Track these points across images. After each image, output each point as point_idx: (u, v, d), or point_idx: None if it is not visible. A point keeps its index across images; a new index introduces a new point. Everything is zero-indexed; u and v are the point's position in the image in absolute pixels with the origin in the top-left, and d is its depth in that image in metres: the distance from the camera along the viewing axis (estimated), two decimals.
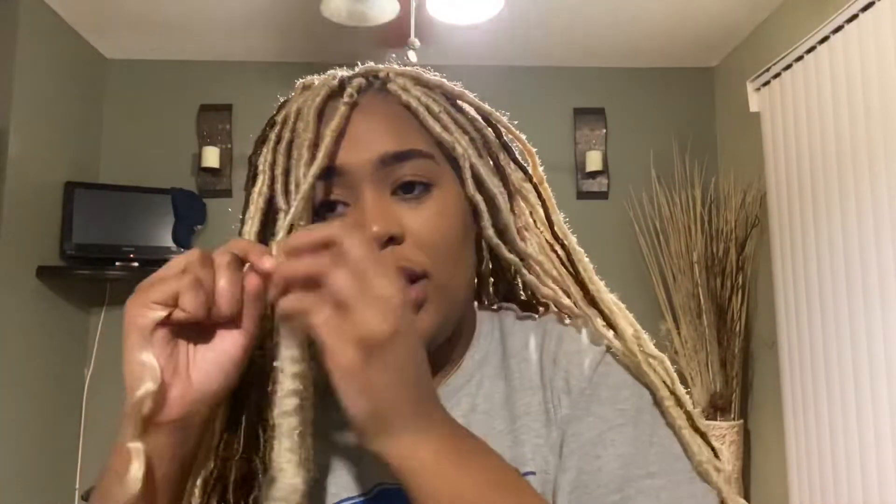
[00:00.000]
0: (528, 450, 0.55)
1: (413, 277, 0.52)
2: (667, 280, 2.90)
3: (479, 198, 0.58)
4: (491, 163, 0.60)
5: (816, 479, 2.23)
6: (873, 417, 1.96)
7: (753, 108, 2.66)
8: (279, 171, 0.55)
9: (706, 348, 2.73)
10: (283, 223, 0.52)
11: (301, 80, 0.62)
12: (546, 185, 0.64)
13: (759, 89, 2.64)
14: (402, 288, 0.42)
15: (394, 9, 2.19)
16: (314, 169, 0.52)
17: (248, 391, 0.52)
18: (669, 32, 2.85)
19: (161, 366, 0.44)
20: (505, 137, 0.62)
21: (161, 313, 0.44)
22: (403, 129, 0.56)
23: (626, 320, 0.59)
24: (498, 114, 0.62)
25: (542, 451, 0.54)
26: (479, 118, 0.61)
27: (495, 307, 0.67)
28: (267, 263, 0.45)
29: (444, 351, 0.59)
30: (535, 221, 0.63)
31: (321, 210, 0.54)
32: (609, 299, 0.59)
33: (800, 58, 2.34)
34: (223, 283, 0.45)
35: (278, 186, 0.55)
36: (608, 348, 0.57)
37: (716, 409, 2.68)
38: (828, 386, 2.17)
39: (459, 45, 2.84)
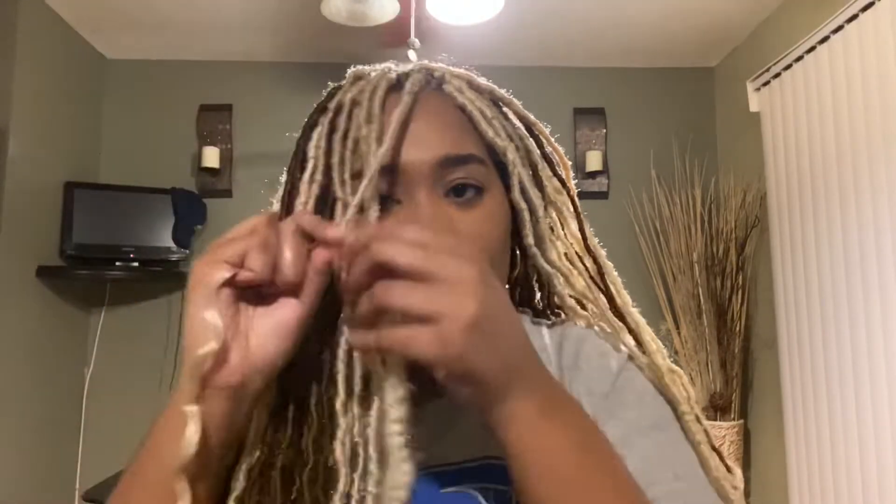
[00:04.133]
0: None
1: None
2: (667, 280, 2.90)
3: (523, 205, 0.59)
4: (530, 172, 0.61)
5: (816, 479, 2.23)
6: (873, 417, 1.96)
7: (753, 108, 2.67)
8: (335, 159, 0.54)
9: (706, 348, 2.73)
10: (341, 212, 0.52)
11: (353, 70, 0.61)
12: (576, 198, 0.65)
13: (759, 89, 2.64)
14: (473, 257, 0.41)
15: (394, 9, 2.19)
16: (379, 161, 0.51)
17: (296, 378, 0.51)
18: (669, 32, 2.85)
19: (224, 328, 0.44)
20: (546, 148, 0.63)
21: (228, 273, 0.44)
22: (461, 132, 0.56)
23: (650, 335, 0.59)
24: (540, 125, 0.63)
25: None
26: (522, 127, 0.62)
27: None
28: (335, 233, 0.46)
29: None
30: (565, 234, 0.63)
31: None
32: (636, 314, 0.60)
33: (800, 58, 2.34)
34: (288, 247, 0.45)
35: (335, 175, 0.54)
36: (630, 357, 0.58)
37: (716, 409, 2.68)
38: (828, 386, 2.17)
39: (459, 45, 2.84)
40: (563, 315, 0.65)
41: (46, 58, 2.62)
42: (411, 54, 2.26)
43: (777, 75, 2.49)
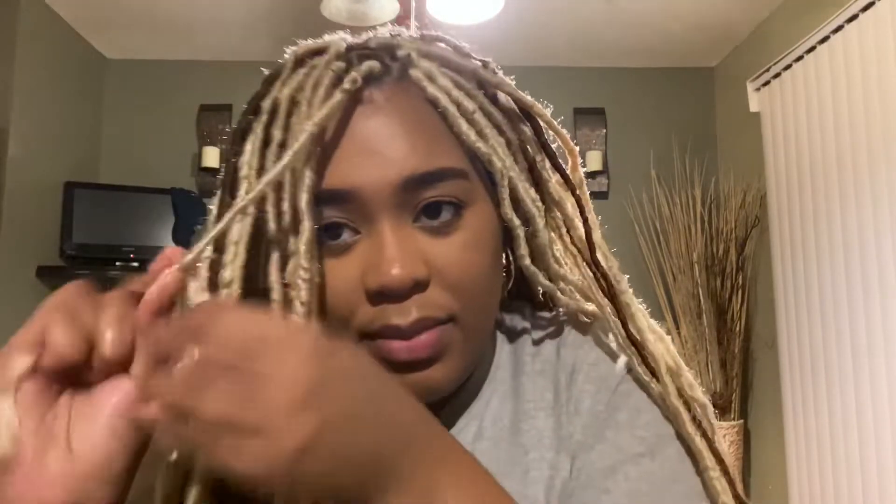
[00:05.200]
0: (540, 489, 0.47)
1: (437, 325, 0.44)
2: (667, 280, 2.90)
3: (516, 221, 0.48)
4: (527, 167, 0.50)
5: (816, 479, 2.23)
6: (873, 417, 1.96)
7: (753, 108, 2.67)
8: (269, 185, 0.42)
9: (706, 348, 2.73)
10: (275, 259, 0.41)
11: (293, 50, 0.47)
12: (585, 188, 0.53)
13: (759, 89, 2.64)
14: (302, 340, 0.32)
15: (394, 9, 2.19)
16: (309, 191, 0.41)
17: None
18: (669, 32, 2.85)
19: (31, 430, 0.33)
20: (545, 135, 0.51)
21: (26, 358, 0.34)
22: (431, 139, 0.44)
23: (669, 354, 0.49)
24: (540, 106, 0.50)
25: (554, 484, 0.47)
26: (517, 111, 0.50)
27: (506, 308, 0.57)
28: (159, 263, 0.36)
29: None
30: (571, 238, 0.52)
31: (322, 234, 0.43)
32: (655, 341, 0.49)
33: (800, 58, 2.34)
34: (106, 316, 0.35)
35: (270, 207, 0.41)
36: (629, 369, 0.49)
37: (716, 409, 2.68)
38: (828, 386, 2.17)
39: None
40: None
41: (46, 58, 2.62)
42: None
43: (777, 75, 2.49)
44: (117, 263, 2.78)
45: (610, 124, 3.16)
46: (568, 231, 0.52)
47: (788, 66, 2.41)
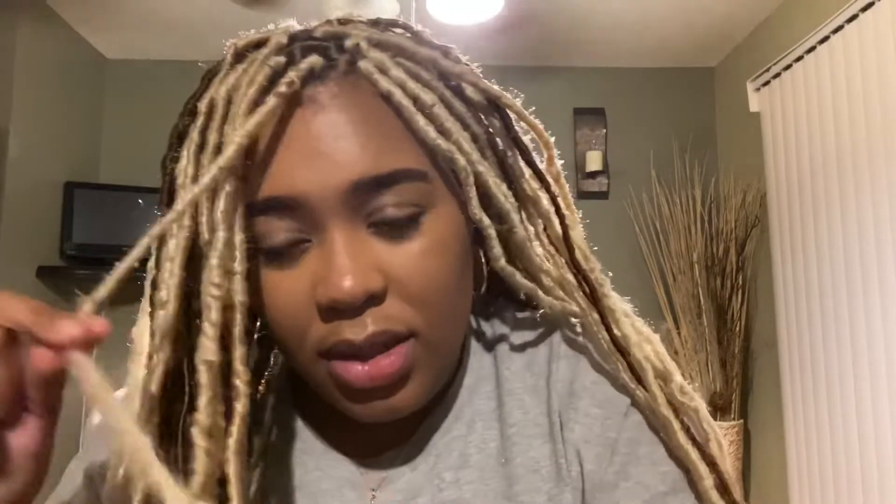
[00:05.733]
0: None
1: (396, 339, 0.40)
2: (667, 280, 2.90)
3: (486, 221, 0.44)
4: (497, 162, 0.46)
5: (816, 479, 2.22)
6: (873, 417, 1.96)
7: (753, 108, 2.67)
8: (204, 193, 0.38)
9: (706, 348, 2.73)
10: (209, 273, 0.37)
11: (233, 42, 0.43)
12: (563, 182, 0.50)
13: (759, 89, 2.64)
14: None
15: (394, 9, 2.19)
16: (223, 204, 0.37)
17: None
18: (669, 32, 2.85)
19: None
20: (517, 128, 0.47)
21: None
22: (384, 138, 0.40)
23: (658, 356, 0.47)
24: (509, 97, 0.46)
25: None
26: (485, 102, 0.46)
27: (483, 311, 0.53)
28: (63, 333, 0.32)
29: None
30: (549, 237, 0.48)
31: (267, 246, 0.40)
32: (642, 346, 0.46)
33: (800, 58, 2.34)
34: None
35: (203, 217, 0.38)
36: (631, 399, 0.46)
37: (716, 409, 2.68)
38: (828, 386, 2.17)
39: (459, 45, 2.83)
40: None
41: (46, 58, 2.62)
42: None
43: (777, 75, 2.49)
44: (117, 263, 2.77)
45: (610, 124, 3.16)
46: (546, 230, 0.48)
47: (788, 66, 2.41)
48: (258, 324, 0.48)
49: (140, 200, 2.84)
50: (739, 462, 2.68)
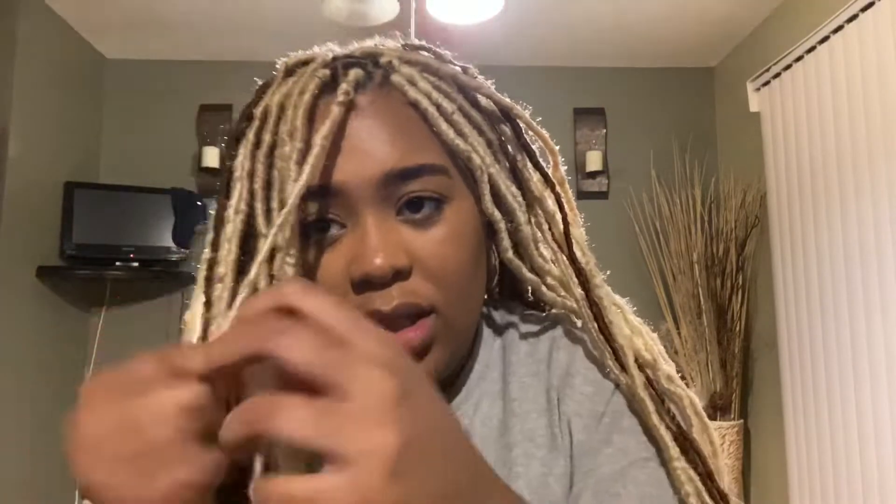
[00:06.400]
0: (522, 484, 0.48)
1: (419, 314, 0.46)
2: (667, 280, 2.90)
3: (497, 216, 0.51)
4: (508, 166, 0.52)
5: (816, 479, 2.23)
6: (873, 417, 1.96)
7: (753, 108, 2.67)
8: (258, 184, 0.45)
9: (706, 348, 2.73)
10: (262, 253, 0.42)
11: (283, 60, 0.51)
12: (567, 186, 0.56)
13: (759, 89, 2.64)
14: (391, 359, 0.29)
15: (394, 9, 2.19)
16: (298, 189, 0.42)
17: None
18: (669, 32, 2.85)
19: None
20: (525, 136, 0.53)
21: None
22: (411, 138, 0.47)
23: (647, 348, 0.52)
24: (519, 108, 0.53)
25: (546, 482, 0.48)
26: (498, 112, 0.52)
27: (496, 306, 0.59)
28: (195, 363, 0.31)
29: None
30: (553, 234, 0.54)
31: (311, 230, 0.46)
32: (625, 331, 0.51)
33: (800, 58, 2.34)
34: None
35: (258, 204, 0.45)
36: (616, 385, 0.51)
37: (716, 409, 2.68)
38: (828, 386, 2.17)
39: (459, 45, 2.83)
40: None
41: (46, 58, 2.62)
42: None
43: (777, 75, 2.49)
44: (117, 263, 2.78)
45: (610, 124, 3.16)
46: (550, 228, 0.54)
47: (788, 66, 2.41)
48: None
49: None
50: (739, 462, 2.68)
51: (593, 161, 3.08)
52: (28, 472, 2.51)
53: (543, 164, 0.54)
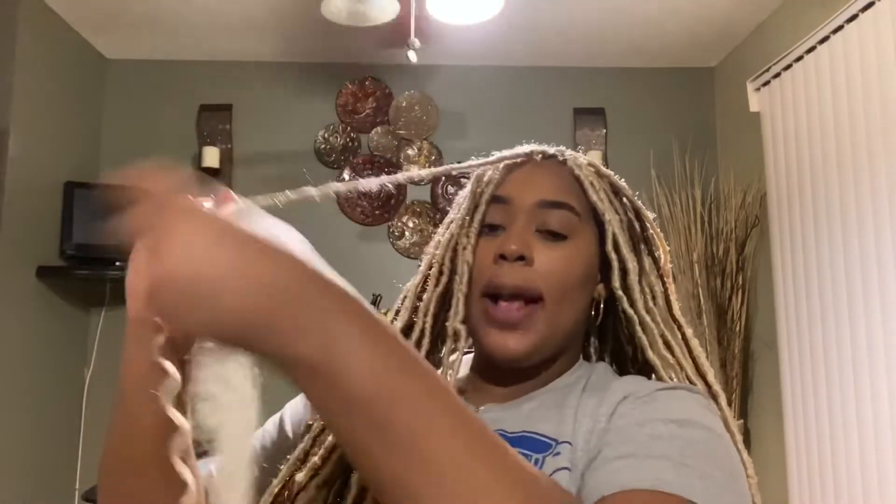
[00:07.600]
0: (568, 426, 0.61)
1: (530, 298, 0.64)
2: None
3: (614, 255, 0.69)
4: (629, 240, 0.70)
5: (816, 479, 2.23)
6: (873, 417, 1.96)
7: (753, 108, 2.66)
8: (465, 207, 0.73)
9: (706, 348, 2.73)
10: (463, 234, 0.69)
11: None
12: (671, 278, 0.74)
13: (759, 89, 2.64)
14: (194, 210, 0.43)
15: (394, 9, 2.19)
16: (487, 195, 0.69)
17: None
18: (669, 32, 2.85)
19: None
20: (649, 233, 0.74)
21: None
22: (565, 188, 0.69)
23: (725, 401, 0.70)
24: (646, 211, 0.75)
25: (585, 428, 0.59)
26: (633, 209, 0.73)
27: (603, 357, 0.77)
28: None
29: (536, 371, 0.68)
30: (655, 302, 0.71)
31: (486, 229, 0.69)
32: (715, 380, 0.70)
33: (800, 58, 2.34)
34: None
35: (457, 212, 0.74)
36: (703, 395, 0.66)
37: None
38: (828, 386, 2.17)
39: (459, 45, 2.84)
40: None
41: (46, 58, 2.62)
42: (411, 55, 2.26)
43: (777, 75, 2.49)
44: (117, 263, 2.77)
45: (610, 124, 3.16)
46: (653, 298, 0.71)
47: (788, 66, 2.41)
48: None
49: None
50: None
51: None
52: (28, 470, 2.50)
53: (658, 255, 0.74)
